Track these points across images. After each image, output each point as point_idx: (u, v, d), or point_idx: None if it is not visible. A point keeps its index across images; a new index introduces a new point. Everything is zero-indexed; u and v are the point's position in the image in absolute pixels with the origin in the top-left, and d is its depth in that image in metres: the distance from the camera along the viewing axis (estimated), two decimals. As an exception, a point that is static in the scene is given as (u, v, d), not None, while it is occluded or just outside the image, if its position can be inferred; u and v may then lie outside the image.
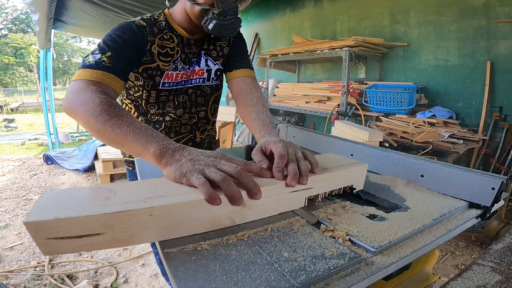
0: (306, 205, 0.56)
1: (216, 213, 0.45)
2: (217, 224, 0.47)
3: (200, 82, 0.97)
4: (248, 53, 1.04)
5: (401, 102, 2.43)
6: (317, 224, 0.51)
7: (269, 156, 0.59)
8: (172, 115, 0.95)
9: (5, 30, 19.13)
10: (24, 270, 1.75)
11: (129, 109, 0.95)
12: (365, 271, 0.39)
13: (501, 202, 0.60)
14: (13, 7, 19.80)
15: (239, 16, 0.82)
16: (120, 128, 0.56)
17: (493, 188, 0.58)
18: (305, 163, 0.55)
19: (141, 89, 0.88)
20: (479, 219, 0.58)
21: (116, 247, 0.46)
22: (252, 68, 0.99)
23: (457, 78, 2.52)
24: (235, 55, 0.99)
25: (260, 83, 4.07)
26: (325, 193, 0.60)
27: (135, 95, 0.91)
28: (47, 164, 3.96)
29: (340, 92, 2.76)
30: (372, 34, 3.10)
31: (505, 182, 0.57)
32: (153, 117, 0.94)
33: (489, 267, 0.41)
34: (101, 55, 0.71)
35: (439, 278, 1.60)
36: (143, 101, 0.91)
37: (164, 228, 0.43)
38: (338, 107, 2.79)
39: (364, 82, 3.03)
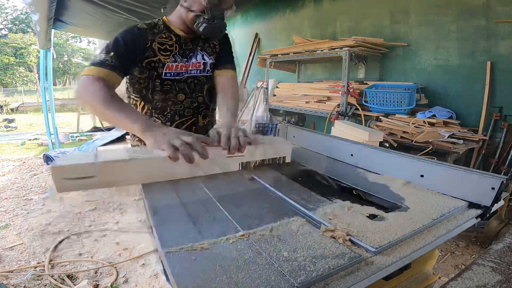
0: (240, 168, 0.83)
1: (176, 167, 0.71)
2: (177, 175, 0.74)
3: (198, 73, 1.15)
4: (234, 51, 1.24)
5: (401, 102, 2.43)
6: (252, 180, 0.77)
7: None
8: (174, 99, 1.11)
9: (5, 30, 19.14)
10: (24, 270, 1.74)
11: (136, 101, 1.13)
12: (365, 271, 0.39)
13: (501, 202, 0.60)
14: (13, 7, 19.81)
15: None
16: (117, 112, 0.81)
17: (493, 188, 0.58)
18: (243, 138, 0.81)
19: (146, 80, 1.05)
20: (479, 219, 0.58)
21: (105, 187, 0.68)
22: (234, 68, 1.22)
23: (457, 78, 2.52)
24: (222, 55, 1.21)
25: (260, 83, 4.07)
26: (256, 161, 0.86)
27: (141, 85, 1.07)
28: (47, 164, 3.96)
29: (340, 92, 2.76)
30: (372, 34, 3.09)
31: (505, 182, 0.57)
32: (158, 104, 1.09)
33: (489, 267, 0.41)
34: (106, 55, 0.90)
35: (439, 278, 1.60)
36: (150, 90, 1.07)
37: (138, 175, 0.69)
38: (338, 107, 2.79)
39: (364, 82, 3.03)
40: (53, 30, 3.79)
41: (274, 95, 3.83)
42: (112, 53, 0.91)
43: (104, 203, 2.76)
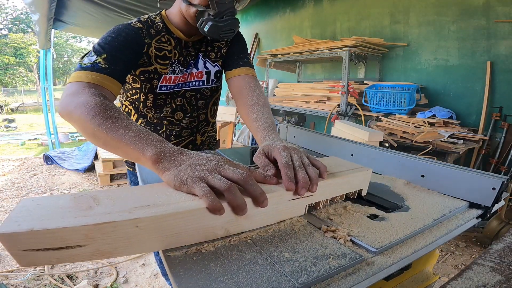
0: (306, 212, 0.53)
1: (210, 224, 0.42)
2: (210, 235, 0.43)
3: (200, 85, 0.95)
4: (248, 51, 1.02)
5: (401, 102, 2.43)
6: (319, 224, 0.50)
7: (273, 162, 0.55)
8: (170, 118, 0.94)
9: (5, 30, 19.13)
10: (24, 270, 1.75)
11: (129, 111, 0.95)
12: (366, 271, 0.39)
13: (502, 202, 0.60)
14: (13, 7, 19.80)
15: (236, 17, 0.81)
16: (115, 131, 0.53)
17: (493, 188, 0.58)
18: (313, 169, 0.52)
19: (138, 91, 0.87)
20: (480, 219, 0.59)
21: (100, 259, 0.39)
22: (252, 67, 0.97)
23: (457, 78, 2.52)
24: (234, 54, 0.97)
25: (260, 83, 4.07)
26: (327, 200, 0.56)
27: (132, 97, 0.90)
28: (47, 164, 3.96)
29: (340, 92, 2.77)
30: (372, 34, 3.10)
31: (505, 182, 0.57)
32: (152, 119, 0.93)
33: (489, 267, 0.41)
34: (97, 57, 0.70)
35: (439, 278, 1.60)
36: (141, 104, 0.90)
37: (152, 240, 0.39)
38: (338, 107, 2.79)
39: (364, 82, 3.03)
40: (53, 30, 3.79)
41: (274, 95, 3.83)
42: (105, 55, 0.70)
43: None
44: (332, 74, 3.71)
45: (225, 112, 3.43)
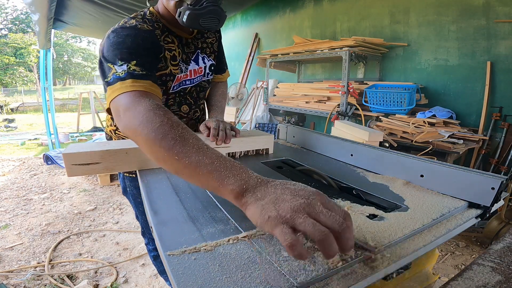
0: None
1: None
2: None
3: (200, 79, 1.03)
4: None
5: (401, 102, 2.43)
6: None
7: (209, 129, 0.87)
8: (178, 113, 1.00)
9: (5, 30, 19.16)
10: (24, 270, 1.74)
11: None
12: (365, 271, 0.39)
13: (501, 202, 0.60)
14: (13, 7, 19.83)
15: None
16: (188, 157, 0.46)
17: (492, 188, 0.58)
18: (229, 131, 0.87)
19: None
20: (479, 219, 0.58)
21: (107, 173, 0.63)
22: (227, 67, 1.20)
23: (457, 78, 2.52)
24: (222, 55, 1.13)
25: (260, 83, 4.07)
26: (241, 152, 0.94)
27: None
28: (47, 164, 3.96)
29: (340, 92, 2.76)
30: (372, 34, 3.09)
31: (504, 182, 0.57)
32: None
33: (489, 267, 0.41)
34: (128, 64, 0.63)
35: (439, 278, 1.60)
36: None
37: (134, 162, 0.78)
38: (338, 107, 2.79)
39: (364, 82, 3.03)
40: (53, 30, 3.79)
41: (274, 95, 3.83)
42: (135, 61, 0.65)
43: (104, 203, 2.77)
44: (332, 74, 3.71)
45: (225, 112, 3.42)
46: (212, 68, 1.06)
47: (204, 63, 1.01)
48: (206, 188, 0.49)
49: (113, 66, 0.64)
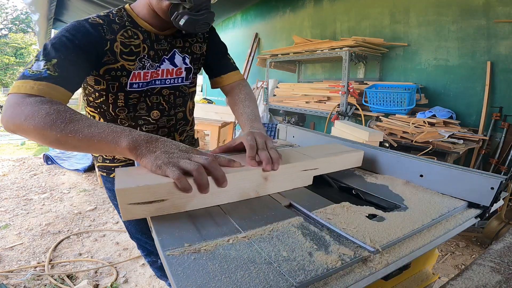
0: (312, 183, 0.68)
1: (245, 186, 0.57)
2: (245, 195, 0.58)
3: (179, 82, 0.92)
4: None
5: (401, 102, 2.43)
6: (289, 206, 0.58)
7: (241, 149, 0.68)
8: (145, 117, 0.89)
9: (5, 30, 19.15)
10: (24, 270, 1.75)
11: (93, 117, 0.88)
12: (364, 270, 0.39)
13: (501, 202, 0.60)
14: (13, 7, 19.84)
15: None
16: (81, 132, 0.54)
17: (492, 188, 0.58)
18: (274, 151, 0.62)
19: (104, 93, 0.82)
20: (479, 219, 0.58)
21: (174, 212, 0.52)
22: (236, 67, 1.01)
23: (457, 78, 2.52)
24: (218, 56, 0.99)
25: (260, 83, 4.07)
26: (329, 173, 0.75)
27: (97, 101, 0.84)
28: (47, 164, 3.96)
29: (340, 92, 2.77)
30: (372, 34, 3.10)
31: (504, 182, 0.57)
32: (123, 121, 0.87)
33: (489, 267, 0.41)
34: (46, 62, 0.63)
35: (439, 278, 1.60)
36: (110, 105, 0.84)
37: (207, 197, 0.53)
38: (338, 107, 2.79)
39: (364, 82, 3.04)
40: (53, 30, 3.80)
41: (274, 95, 3.83)
42: (55, 60, 0.63)
43: (104, 203, 2.77)
44: (332, 74, 3.71)
45: (225, 112, 3.42)
46: (196, 71, 0.97)
47: (186, 64, 0.91)
48: (104, 153, 0.58)
49: (35, 61, 0.64)
